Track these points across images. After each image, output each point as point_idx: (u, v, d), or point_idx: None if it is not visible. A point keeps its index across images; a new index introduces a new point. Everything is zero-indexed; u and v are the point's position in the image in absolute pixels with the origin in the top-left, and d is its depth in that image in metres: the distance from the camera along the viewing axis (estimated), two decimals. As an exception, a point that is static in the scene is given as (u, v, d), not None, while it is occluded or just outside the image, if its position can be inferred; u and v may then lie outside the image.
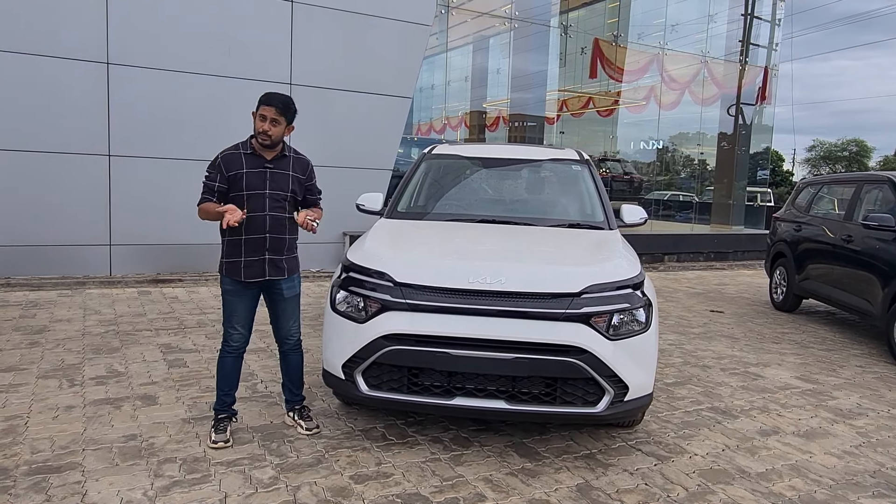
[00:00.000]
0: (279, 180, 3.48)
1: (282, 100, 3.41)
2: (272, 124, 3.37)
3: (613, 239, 4.19)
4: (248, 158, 3.44)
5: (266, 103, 3.39)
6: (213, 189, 3.42)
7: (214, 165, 3.43)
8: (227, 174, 3.40)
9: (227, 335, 3.56)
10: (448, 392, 3.28)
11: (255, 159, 3.45)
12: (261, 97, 3.43)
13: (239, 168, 3.41)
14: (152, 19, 8.00)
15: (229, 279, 3.49)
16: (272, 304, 3.64)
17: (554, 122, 18.09)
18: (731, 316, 7.86)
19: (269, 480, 3.09)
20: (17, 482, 2.97)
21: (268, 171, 3.46)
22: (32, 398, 4.03)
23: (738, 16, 17.65)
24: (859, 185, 7.23)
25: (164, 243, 8.40)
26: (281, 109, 3.38)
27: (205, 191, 3.44)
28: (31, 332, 5.58)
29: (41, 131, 7.60)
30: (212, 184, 3.42)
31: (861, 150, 49.27)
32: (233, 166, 3.41)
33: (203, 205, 3.43)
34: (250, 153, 3.46)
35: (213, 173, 3.42)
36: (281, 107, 3.39)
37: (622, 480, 3.27)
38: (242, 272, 3.45)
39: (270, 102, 3.38)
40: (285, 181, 3.50)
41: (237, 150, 3.47)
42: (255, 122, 3.42)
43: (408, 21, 9.55)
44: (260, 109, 3.40)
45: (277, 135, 3.41)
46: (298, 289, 3.69)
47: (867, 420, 4.36)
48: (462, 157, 5.20)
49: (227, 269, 3.48)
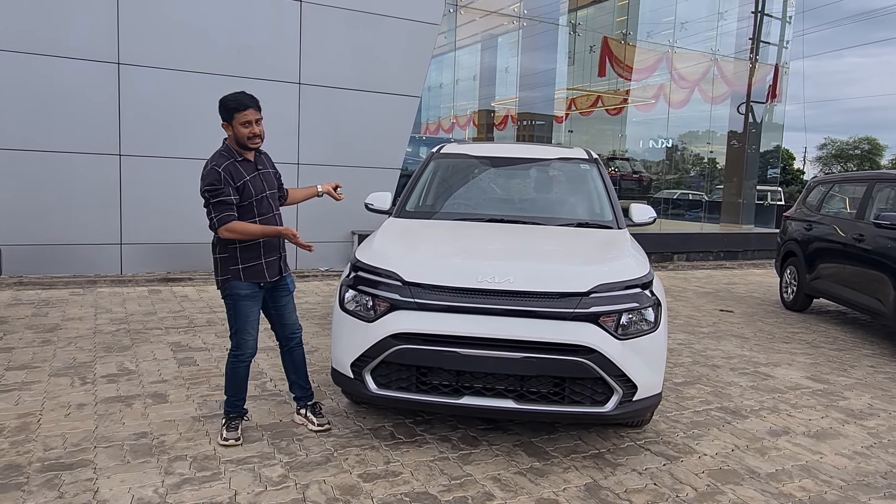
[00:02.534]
0: (269, 179, 3.57)
1: (253, 98, 3.39)
2: (257, 124, 3.38)
3: (622, 238, 4.18)
4: (242, 166, 3.40)
5: (246, 108, 3.32)
6: (232, 203, 3.32)
7: (221, 180, 3.28)
8: (235, 185, 3.34)
9: (243, 342, 3.48)
10: (456, 391, 3.29)
11: (247, 165, 3.44)
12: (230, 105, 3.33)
13: (241, 177, 3.37)
14: (162, 20, 8.04)
15: (247, 283, 3.43)
16: (277, 302, 3.64)
17: (562, 121, 18.04)
18: (741, 315, 7.82)
19: (278, 478, 3.11)
20: (31, 479, 3.00)
21: (259, 173, 3.50)
22: (45, 396, 4.07)
23: (749, 13, 17.53)
24: (871, 183, 7.17)
25: (174, 242, 8.45)
26: (258, 108, 3.39)
27: (224, 209, 3.30)
28: (43, 331, 5.63)
29: (52, 132, 7.67)
30: (228, 198, 3.30)
31: (873, 148, 48.84)
32: (236, 177, 3.35)
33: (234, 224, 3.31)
34: (242, 160, 3.42)
35: (224, 188, 3.29)
36: (256, 105, 3.39)
37: (631, 480, 3.26)
38: (266, 273, 3.47)
39: (250, 105, 3.34)
40: (271, 178, 3.60)
41: (230, 160, 3.36)
42: (236, 131, 3.34)
43: (416, 20, 9.56)
44: (243, 116, 3.31)
45: (263, 133, 3.45)
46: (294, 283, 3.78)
47: (879, 420, 4.33)
48: (470, 156, 5.20)
49: (245, 274, 3.42)
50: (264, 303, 3.61)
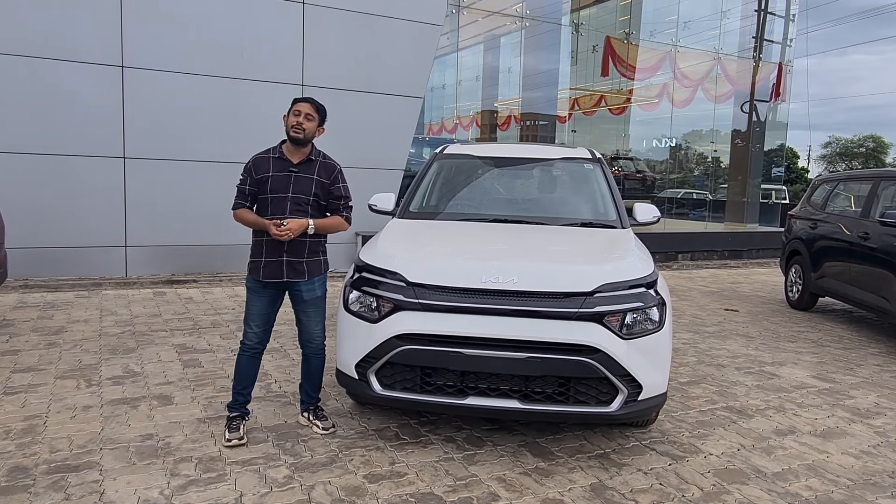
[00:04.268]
0: (303, 184, 3.53)
1: (315, 101, 3.61)
2: (306, 119, 3.49)
3: (626, 238, 4.17)
4: (275, 162, 3.54)
5: (301, 101, 3.56)
6: (246, 193, 3.54)
7: (246, 169, 3.56)
8: (256, 177, 3.52)
9: (244, 333, 3.65)
10: (461, 391, 3.29)
11: (281, 163, 3.54)
12: (294, 99, 3.60)
13: (266, 171, 3.52)
14: (166, 22, 8.07)
15: (251, 278, 3.60)
16: (294, 307, 3.69)
17: (566, 121, 18.04)
18: (746, 314, 7.80)
19: (283, 480, 3.11)
20: (37, 481, 3.01)
21: (292, 175, 3.52)
22: (51, 398, 4.08)
23: (752, 11, 17.49)
24: (876, 181, 7.14)
25: (178, 244, 8.47)
26: (315, 106, 3.57)
27: (239, 196, 3.56)
28: (49, 333, 5.65)
29: (57, 135, 7.69)
30: (244, 187, 3.54)
31: (878, 146, 48.59)
32: (261, 169, 3.53)
33: (239, 211, 3.56)
34: (278, 157, 3.56)
35: (245, 177, 3.55)
36: (316, 104, 3.58)
37: (636, 480, 3.26)
38: (261, 272, 3.53)
39: (306, 101, 3.57)
40: (308, 185, 3.55)
41: (267, 154, 3.58)
42: (287, 120, 3.51)
43: (418, 21, 9.56)
44: (294, 107, 3.53)
45: (311, 130, 3.51)
46: (320, 292, 3.67)
47: (885, 419, 4.31)
48: (474, 156, 5.20)
49: (249, 268, 3.61)
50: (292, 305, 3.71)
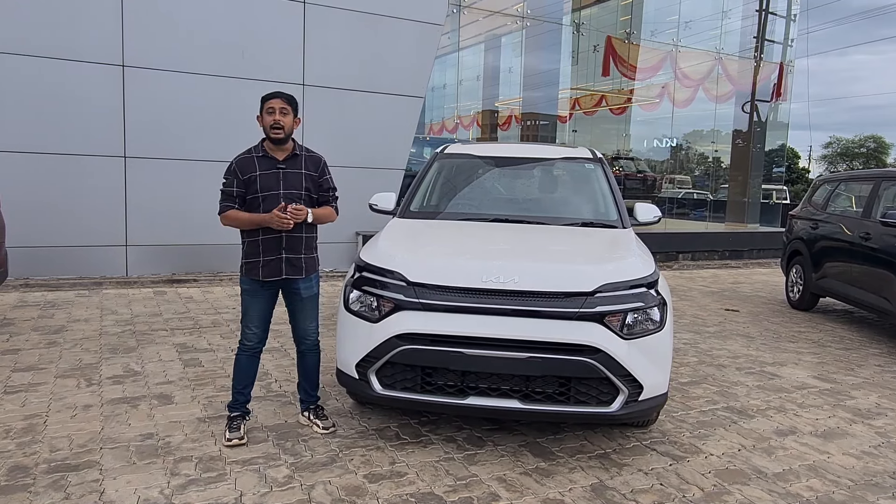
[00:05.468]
0: (292, 179, 3.53)
1: (284, 93, 3.53)
2: (281, 114, 3.45)
3: (627, 238, 4.16)
4: (260, 161, 3.52)
5: (270, 98, 3.49)
6: (233, 195, 3.49)
7: (230, 171, 3.51)
8: (243, 178, 3.49)
9: (243, 334, 3.63)
10: (462, 391, 3.28)
11: (267, 161, 3.52)
12: (262, 97, 3.52)
13: (252, 171, 3.49)
14: (166, 22, 8.06)
15: (247, 279, 3.56)
16: (290, 304, 3.68)
17: (566, 121, 18.04)
18: (747, 315, 7.79)
19: (283, 479, 3.11)
20: (37, 480, 3.01)
21: (280, 172, 3.51)
22: (51, 397, 4.08)
23: (753, 11, 17.48)
24: (877, 181, 7.13)
25: (179, 244, 8.47)
26: (286, 98, 3.50)
27: (224, 198, 3.51)
28: (49, 332, 5.65)
29: (57, 134, 7.69)
30: (230, 189, 3.49)
31: (879, 146, 48.58)
32: (247, 170, 3.49)
33: (228, 213, 3.49)
34: (262, 156, 3.53)
35: (231, 179, 3.50)
36: (286, 96, 3.51)
37: (637, 480, 3.25)
38: (260, 271, 3.50)
39: (275, 96, 3.49)
40: (298, 180, 3.54)
41: (250, 154, 3.55)
42: (263, 120, 3.49)
43: (419, 21, 9.55)
44: (266, 105, 3.48)
45: (288, 125, 3.48)
46: (317, 289, 3.72)
47: (886, 420, 4.30)
48: (474, 156, 5.20)
49: (245, 270, 3.56)
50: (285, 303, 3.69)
